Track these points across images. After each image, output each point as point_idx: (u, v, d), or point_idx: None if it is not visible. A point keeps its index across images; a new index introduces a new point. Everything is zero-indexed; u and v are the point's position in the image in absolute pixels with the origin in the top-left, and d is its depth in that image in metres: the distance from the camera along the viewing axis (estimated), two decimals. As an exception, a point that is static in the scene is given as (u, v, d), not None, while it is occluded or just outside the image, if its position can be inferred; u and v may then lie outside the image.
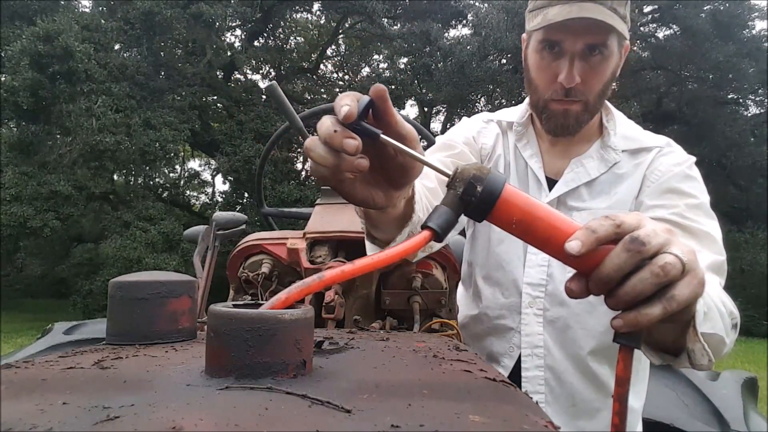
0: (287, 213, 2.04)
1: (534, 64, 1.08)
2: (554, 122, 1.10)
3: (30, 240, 13.52)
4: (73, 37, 10.79)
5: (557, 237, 0.52)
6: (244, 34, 15.84)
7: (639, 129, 1.21)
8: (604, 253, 0.50)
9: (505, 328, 1.18)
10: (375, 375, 0.49)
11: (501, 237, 1.19)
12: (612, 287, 0.51)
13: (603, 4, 0.98)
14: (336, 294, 1.03)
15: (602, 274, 0.51)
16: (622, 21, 1.01)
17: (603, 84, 1.06)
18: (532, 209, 0.53)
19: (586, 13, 0.97)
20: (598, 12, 0.97)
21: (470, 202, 0.53)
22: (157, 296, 0.62)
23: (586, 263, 0.51)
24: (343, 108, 0.54)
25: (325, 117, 0.57)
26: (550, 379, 1.12)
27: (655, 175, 1.11)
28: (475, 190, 0.52)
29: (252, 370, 0.43)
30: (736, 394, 1.60)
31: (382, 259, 0.50)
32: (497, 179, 0.53)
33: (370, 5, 13.83)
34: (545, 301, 1.13)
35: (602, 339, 1.10)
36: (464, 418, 0.37)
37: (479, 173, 0.53)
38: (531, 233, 0.53)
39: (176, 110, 12.58)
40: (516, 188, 0.54)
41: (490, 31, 13.61)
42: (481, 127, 1.27)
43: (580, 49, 1.01)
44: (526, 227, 0.53)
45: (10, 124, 12.36)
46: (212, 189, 19.24)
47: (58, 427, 0.33)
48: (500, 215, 0.53)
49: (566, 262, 0.52)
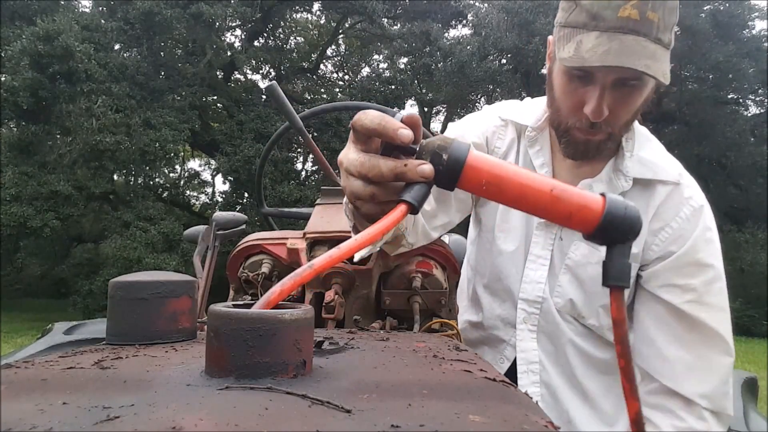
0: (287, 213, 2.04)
1: (560, 86, 0.99)
2: (574, 149, 1.04)
3: (30, 240, 13.54)
4: (73, 37, 10.79)
5: (528, 193, 0.54)
6: (244, 34, 15.84)
7: (659, 152, 1.12)
8: (576, 198, 0.53)
9: (498, 339, 1.18)
10: (375, 375, 0.49)
11: (502, 249, 1.17)
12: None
13: (647, 35, 0.86)
14: (336, 294, 1.03)
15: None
16: (666, 50, 0.90)
17: (632, 114, 0.98)
18: (499, 170, 0.54)
19: (627, 62, 0.86)
20: (641, 54, 0.86)
21: (439, 171, 0.54)
22: (157, 296, 0.62)
23: (559, 210, 0.54)
24: (403, 131, 0.54)
25: (367, 160, 0.56)
26: (546, 396, 1.12)
27: (672, 228, 1.04)
28: (441, 159, 0.54)
29: (252, 370, 0.43)
30: (736, 394, 1.60)
31: (366, 239, 0.50)
32: (461, 146, 0.54)
33: (370, 5, 13.83)
34: (540, 318, 1.12)
35: (591, 354, 1.10)
36: (464, 418, 0.37)
37: (443, 143, 0.54)
38: (502, 193, 0.55)
39: (176, 110, 12.58)
40: (481, 153, 0.55)
41: (490, 31, 13.62)
42: (497, 126, 1.19)
43: (612, 80, 0.91)
44: (495, 188, 0.54)
45: (10, 124, 12.36)
46: (212, 189, 19.23)
47: (58, 427, 0.33)
48: (469, 180, 0.54)
49: (541, 215, 0.55)
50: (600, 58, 0.87)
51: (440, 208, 1.10)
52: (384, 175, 0.54)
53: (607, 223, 0.53)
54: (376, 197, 0.57)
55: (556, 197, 0.54)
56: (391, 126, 0.53)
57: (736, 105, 15.71)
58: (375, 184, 0.56)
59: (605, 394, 1.11)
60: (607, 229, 0.53)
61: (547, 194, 0.54)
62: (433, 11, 15.32)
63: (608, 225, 0.53)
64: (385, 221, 0.52)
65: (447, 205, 1.12)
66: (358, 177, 0.57)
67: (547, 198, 0.54)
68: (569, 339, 1.10)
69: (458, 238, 1.50)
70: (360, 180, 0.57)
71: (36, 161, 11.47)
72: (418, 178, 0.54)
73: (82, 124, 10.94)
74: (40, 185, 10.96)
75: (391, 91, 14.71)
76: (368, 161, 0.55)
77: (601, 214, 0.53)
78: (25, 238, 12.84)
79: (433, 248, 1.14)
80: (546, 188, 0.54)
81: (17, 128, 12.16)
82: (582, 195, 0.54)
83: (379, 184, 0.57)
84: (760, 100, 15.57)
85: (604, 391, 1.11)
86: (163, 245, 11.64)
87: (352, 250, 0.50)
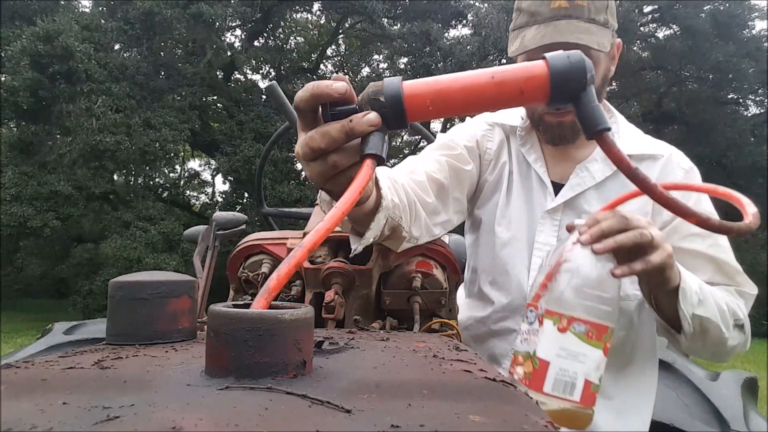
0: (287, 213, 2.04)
1: None
2: (551, 133, 1.14)
3: (30, 240, 13.53)
4: (73, 37, 10.78)
5: (473, 91, 0.54)
6: (244, 34, 15.84)
7: (640, 133, 1.22)
8: (520, 72, 0.54)
9: (508, 330, 1.18)
10: (375, 375, 0.49)
11: (504, 240, 1.19)
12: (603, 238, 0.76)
13: (580, 17, 1.00)
14: (336, 294, 1.03)
15: (601, 228, 0.77)
16: (604, 28, 1.03)
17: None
18: (437, 86, 0.55)
19: (560, 38, 0.99)
20: (574, 30, 0.99)
21: (384, 114, 0.55)
22: (157, 296, 0.62)
23: (508, 92, 0.54)
24: (336, 83, 0.56)
25: (314, 132, 0.58)
26: None
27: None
28: (381, 102, 0.55)
29: (252, 370, 0.43)
30: (736, 394, 1.60)
31: (346, 203, 0.51)
32: (393, 82, 0.55)
33: (370, 5, 13.83)
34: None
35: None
36: (464, 418, 0.37)
37: (376, 87, 0.56)
38: (449, 104, 0.55)
39: (176, 110, 12.57)
40: (414, 80, 0.56)
41: (490, 31, 13.62)
42: (485, 130, 1.26)
43: None
44: (442, 103, 0.55)
45: (10, 124, 12.36)
46: (212, 189, 19.23)
47: (58, 427, 0.33)
48: (414, 108, 0.55)
49: (494, 106, 0.56)
50: (537, 41, 1.01)
51: (440, 204, 1.12)
52: (335, 138, 0.57)
53: (558, 81, 0.52)
54: (338, 165, 0.59)
55: (500, 82, 0.53)
56: (324, 84, 0.56)
57: (736, 105, 15.71)
58: (332, 153, 0.59)
59: (614, 377, 1.10)
60: (561, 85, 0.52)
61: (490, 83, 0.54)
62: (433, 11, 15.32)
63: (560, 81, 0.52)
64: (357, 181, 0.53)
65: (446, 201, 1.14)
66: (313, 155, 0.59)
67: (492, 86, 0.54)
68: None
69: (458, 238, 1.50)
70: (317, 158, 0.59)
71: (36, 161, 11.46)
72: (367, 128, 0.55)
73: (82, 124, 10.94)
74: (40, 185, 10.96)
75: (391, 91, 14.69)
76: (316, 133, 0.58)
77: (548, 74, 0.52)
78: (25, 238, 12.84)
79: (433, 248, 1.14)
80: (487, 78, 0.54)
81: (17, 128, 12.16)
82: (523, 67, 0.54)
83: (335, 152, 0.59)
84: (760, 100, 15.56)
85: (615, 371, 1.10)
86: (163, 245, 11.64)
87: (337, 219, 0.50)
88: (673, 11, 14.24)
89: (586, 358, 0.79)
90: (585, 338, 0.80)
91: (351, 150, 0.59)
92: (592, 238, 0.77)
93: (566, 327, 0.80)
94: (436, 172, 1.12)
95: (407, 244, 1.01)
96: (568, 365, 0.79)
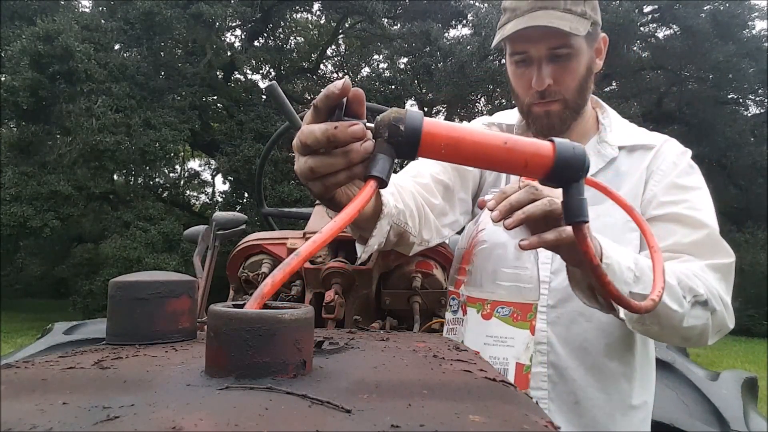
0: (287, 213, 2.04)
1: (511, 74, 1.15)
2: (539, 124, 1.14)
3: (30, 240, 13.54)
4: (73, 37, 10.79)
5: (484, 150, 0.57)
6: (244, 34, 15.84)
7: (634, 126, 1.23)
8: (529, 147, 0.58)
9: None
10: (375, 375, 0.49)
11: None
12: (513, 212, 0.73)
13: (555, 8, 1.03)
14: (336, 294, 1.03)
15: (509, 201, 0.74)
16: (581, 18, 1.05)
17: (578, 81, 1.09)
18: (454, 133, 0.57)
19: (533, 22, 1.02)
20: (548, 18, 1.02)
21: (398, 142, 0.56)
22: (157, 296, 0.62)
23: (515, 160, 0.58)
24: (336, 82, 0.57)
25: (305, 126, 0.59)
26: (554, 376, 1.12)
27: (661, 171, 1.12)
28: (399, 130, 0.56)
29: (252, 370, 0.43)
30: (736, 394, 1.60)
31: (343, 219, 0.52)
32: (416, 115, 0.57)
33: (370, 5, 13.83)
34: (548, 297, 1.13)
35: (610, 331, 1.09)
36: (464, 418, 0.37)
37: (398, 114, 0.57)
38: (460, 153, 0.58)
39: (176, 110, 12.58)
40: (434, 119, 0.58)
41: (490, 31, 13.59)
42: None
43: (545, 54, 1.06)
44: (453, 149, 0.57)
45: (10, 124, 12.37)
46: (212, 189, 19.24)
47: (58, 427, 0.33)
48: (428, 146, 0.57)
49: (499, 168, 0.61)
50: (514, 28, 1.04)
51: (447, 206, 1.13)
52: (318, 138, 0.58)
53: (559, 165, 0.58)
54: (314, 169, 0.60)
55: (510, 149, 0.57)
56: (331, 86, 0.58)
57: (736, 105, 15.72)
58: (314, 155, 0.60)
59: (620, 369, 1.10)
60: (561, 170, 0.58)
61: (501, 147, 0.57)
62: (433, 11, 15.32)
63: (561, 166, 0.58)
64: (358, 199, 0.54)
65: (452, 203, 1.15)
66: (302, 150, 0.60)
67: (503, 151, 0.57)
68: (581, 311, 1.10)
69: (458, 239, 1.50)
70: (306, 155, 0.61)
71: (36, 161, 11.46)
72: (350, 138, 0.57)
73: (82, 124, 10.93)
74: (40, 185, 10.96)
75: (391, 91, 14.72)
76: (306, 128, 0.59)
77: (553, 157, 0.58)
78: (25, 238, 12.84)
79: (433, 248, 1.14)
80: (500, 142, 0.57)
81: (17, 128, 12.16)
82: (533, 143, 0.58)
83: (314, 155, 0.60)
84: (760, 100, 15.57)
85: (619, 365, 1.10)
86: (163, 245, 11.64)
87: (333, 232, 0.51)
88: (673, 11, 14.23)
89: (514, 341, 0.79)
90: (511, 321, 0.80)
91: (332, 158, 0.59)
92: (501, 214, 0.74)
93: (490, 313, 0.80)
94: (440, 174, 1.13)
95: (418, 248, 1.02)
96: (497, 352, 0.79)
